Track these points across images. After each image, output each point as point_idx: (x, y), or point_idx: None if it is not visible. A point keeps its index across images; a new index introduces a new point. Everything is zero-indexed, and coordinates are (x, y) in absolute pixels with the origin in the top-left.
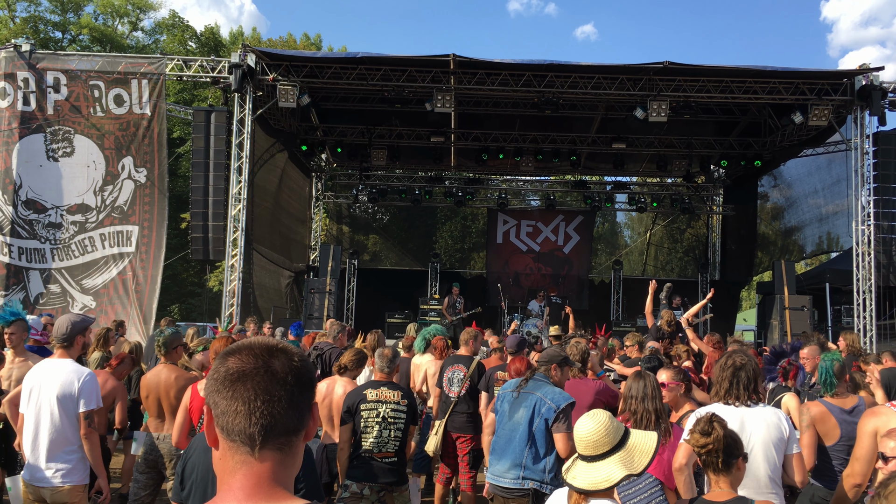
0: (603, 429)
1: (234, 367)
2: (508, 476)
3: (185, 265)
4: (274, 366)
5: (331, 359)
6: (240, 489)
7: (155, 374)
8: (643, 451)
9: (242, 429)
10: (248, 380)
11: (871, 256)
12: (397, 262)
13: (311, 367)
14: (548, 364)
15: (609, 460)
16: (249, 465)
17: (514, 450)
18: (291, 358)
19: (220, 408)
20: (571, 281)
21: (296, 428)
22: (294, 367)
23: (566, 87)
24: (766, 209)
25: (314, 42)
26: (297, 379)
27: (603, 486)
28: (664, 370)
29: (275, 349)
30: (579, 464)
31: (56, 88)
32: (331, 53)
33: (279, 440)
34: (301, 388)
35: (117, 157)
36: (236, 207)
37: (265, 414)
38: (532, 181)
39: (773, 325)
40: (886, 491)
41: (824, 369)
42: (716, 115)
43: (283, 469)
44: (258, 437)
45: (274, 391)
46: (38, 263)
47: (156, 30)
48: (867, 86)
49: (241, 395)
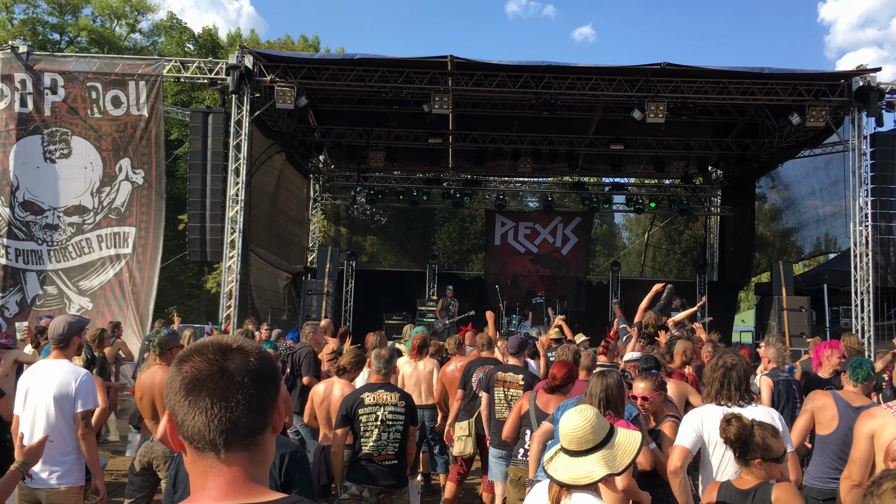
0: (589, 425)
1: (188, 374)
2: None
3: (182, 267)
4: (229, 368)
5: (301, 358)
6: (214, 489)
7: (150, 375)
8: (626, 451)
9: (204, 436)
10: (204, 386)
11: (869, 257)
12: (395, 263)
13: (268, 364)
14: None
15: (592, 457)
16: (218, 468)
17: None
18: (247, 357)
19: (180, 416)
20: (569, 282)
21: (259, 427)
22: (250, 367)
23: (564, 89)
24: (763, 210)
25: (312, 44)
26: (255, 378)
27: (583, 482)
28: (640, 381)
29: (229, 350)
30: (561, 456)
31: (53, 90)
32: (328, 55)
33: (243, 442)
34: (260, 387)
35: (114, 159)
36: (234, 209)
37: (223, 420)
38: (530, 182)
39: (772, 327)
40: (879, 490)
41: (860, 360)
42: (713, 117)
43: (254, 466)
44: (221, 443)
45: (230, 395)
46: (34, 265)
47: (154, 32)
48: (864, 87)
49: (198, 404)
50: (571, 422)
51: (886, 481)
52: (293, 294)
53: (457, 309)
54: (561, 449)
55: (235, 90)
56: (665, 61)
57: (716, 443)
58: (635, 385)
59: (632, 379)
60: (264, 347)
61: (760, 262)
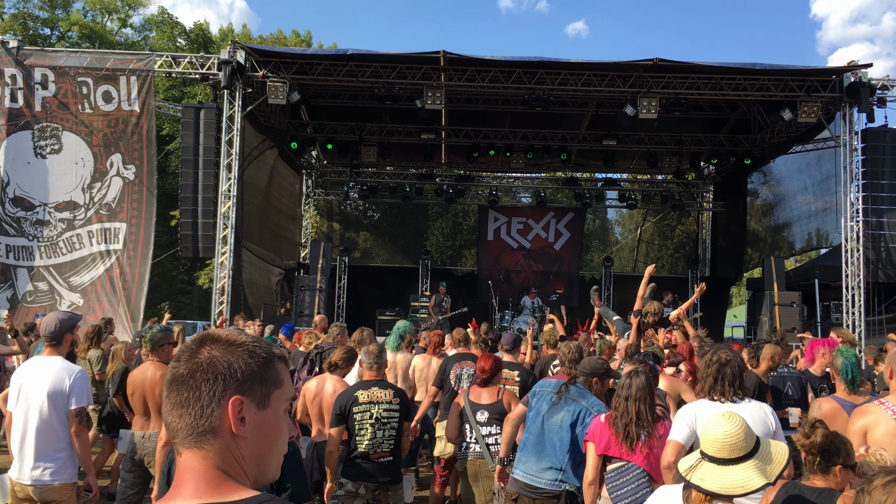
0: (742, 431)
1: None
2: (545, 476)
3: (174, 263)
4: (183, 365)
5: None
6: (183, 487)
7: (141, 371)
8: (777, 461)
9: (168, 428)
10: (168, 382)
11: (860, 252)
12: (388, 259)
13: (230, 359)
14: (589, 376)
15: (745, 465)
16: (183, 465)
17: (555, 453)
18: (211, 352)
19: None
20: (562, 278)
21: (204, 428)
22: (202, 364)
23: (556, 84)
24: (755, 206)
25: (304, 39)
26: (203, 374)
27: (738, 493)
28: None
29: (201, 343)
30: (707, 465)
31: (44, 85)
32: (321, 50)
33: (191, 440)
34: (206, 383)
35: (106, 154)
36: (226, 205)
37: (172, 414)
38: (523, 178)
39: (763, 322)
40: (870, 487)
41: (849, 366)
42: (706, 112)
43: (214, 465)
44: (174, 439)
45: (179, 392)
46: (25, 261)
47: (145, 26)
48: (856, 83)
49: (167, 396)
50: (723, 428)
51: (877, 478)
52: (286, 290)
53: (449, 305)
54: (704, 457)
55: (227, 85)
56: (657, 57)
57: None
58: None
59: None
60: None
61: (752, 258)
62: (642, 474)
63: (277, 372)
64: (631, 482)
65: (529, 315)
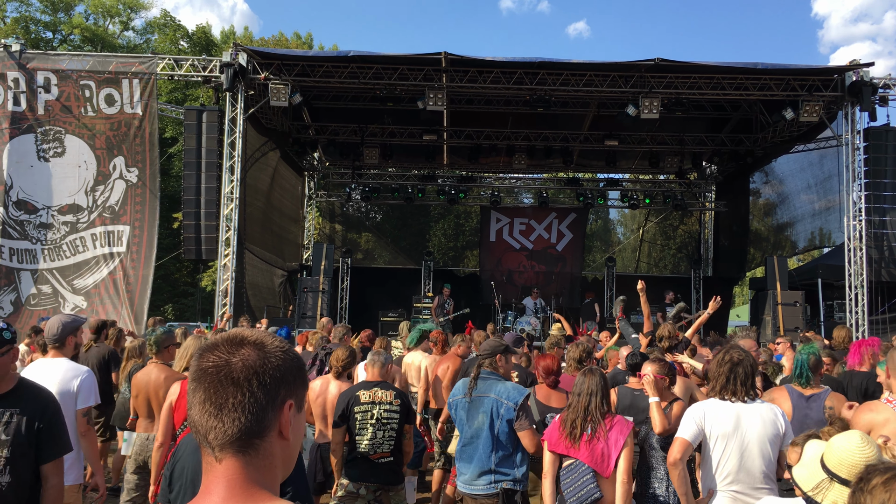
0: (876, 452)
1: (198, 366)
2: (480, 483)
3: (177, 265)
4: (232, 364)
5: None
6: (214, 492)
7: (145, 373)
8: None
9: (198, 430)
10: (204, 379)
11: (863, 252)
12: (390, 260)
13: (278, 363)
14: (491, 356)
15: None
16: (214, 467)
17: (481, 457)
18: (257, 354)
19: (188, 405)
20: (564, 278)
21: (255, 430)
22: (253, 365)
23: (558, 85)
24: (758, 205)
25: (306, 41)
26: (257, 376)
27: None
28: (649, 364)
29: (240, 343)
30: (839, 488)
31: (47, 88)
32: (322, 52)
33: (237, 444)
34: (262, 386)
35: (108, 157)
36: (228, 207)
37: (215, 416)
38: (525, 179)
39: (766, 321)
40: (869, 486)
41: (799, 362)
42: (707, 112)
43: (254, 469)
44: (213, 441)
45: (226, 392)
46: (29, 264)
47: (147, 29)
48: (858, 82)
49: (198, 396)
50: (864, 453)
51: (875, 476)
52: (289, 291)
53: (452, 307)
54: (835, 478)
55: (229, 88)
56: (659, 57)
57: (717, 437)
58: (644, 366)
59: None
60: (289, 345)
61: (755, 257)
62: (587, 471)
63: (307, 375)
64: (578, 479)
65: (532, 316)
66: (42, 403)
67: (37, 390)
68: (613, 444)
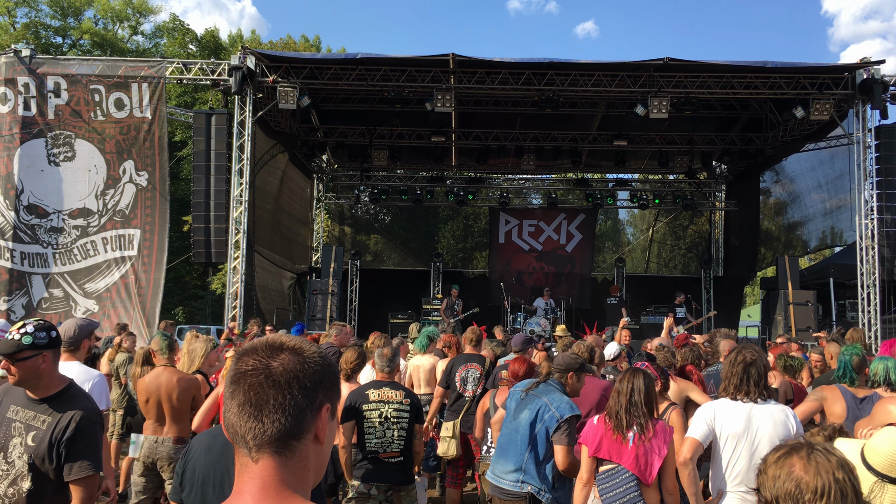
0: None
1: (237, 368)
2: (509, 478)
3: (187, 268)
4: (272, 367)
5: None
6: (248, 493)
7: (155, 377)
8: None
9: (236, 431)
10: (244, 382)
11: (875, 250)
12: (399, 262)
13: (319, 369)
14: (564, 372)
15: None
16: (250, 468)
17: (517, 451)
18: (296, 358)
19: (224, 407)
20: (574, 279)
21: (294, 432)
22: (294, 369)
23: (566, 85)
24: (768, 205)
25: (313, 44)
26: (298, 381)
27: None
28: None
29: (280, 349)
30: (892, 489)
31: (57, 93)
32: (330, 54)
33: (275, 444)
34: (302, 390)
35: (118, 161)
36: (238, 210)
37: (253, 418)
38: (533, 180)
39: (778, 321)
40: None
41: (843, 363)
42: (717, 111)
43: (289, 472)
44: (251, 441)
45: (267, 394)
46: (40, 268)
47: (156, 33)
48: (868, 79)
49: (237, 398)
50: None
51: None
52: (298, 294)
53: (461, 308)
54: (886, 479)
55: (238, 91)
56: (668, 56)
57: (727, 436)
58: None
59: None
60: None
61: (766, 257)
62: (631, 478)
63: (340, 382)
64: (620, 485)
65: (542, 317)
66: (74, 416)
67: (76, 401)
68: (657, 451)
